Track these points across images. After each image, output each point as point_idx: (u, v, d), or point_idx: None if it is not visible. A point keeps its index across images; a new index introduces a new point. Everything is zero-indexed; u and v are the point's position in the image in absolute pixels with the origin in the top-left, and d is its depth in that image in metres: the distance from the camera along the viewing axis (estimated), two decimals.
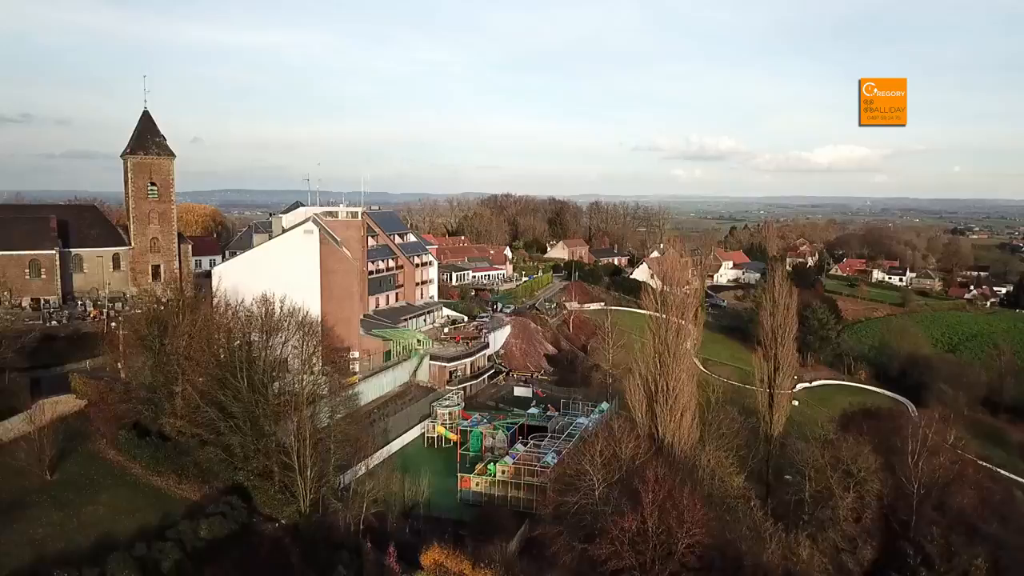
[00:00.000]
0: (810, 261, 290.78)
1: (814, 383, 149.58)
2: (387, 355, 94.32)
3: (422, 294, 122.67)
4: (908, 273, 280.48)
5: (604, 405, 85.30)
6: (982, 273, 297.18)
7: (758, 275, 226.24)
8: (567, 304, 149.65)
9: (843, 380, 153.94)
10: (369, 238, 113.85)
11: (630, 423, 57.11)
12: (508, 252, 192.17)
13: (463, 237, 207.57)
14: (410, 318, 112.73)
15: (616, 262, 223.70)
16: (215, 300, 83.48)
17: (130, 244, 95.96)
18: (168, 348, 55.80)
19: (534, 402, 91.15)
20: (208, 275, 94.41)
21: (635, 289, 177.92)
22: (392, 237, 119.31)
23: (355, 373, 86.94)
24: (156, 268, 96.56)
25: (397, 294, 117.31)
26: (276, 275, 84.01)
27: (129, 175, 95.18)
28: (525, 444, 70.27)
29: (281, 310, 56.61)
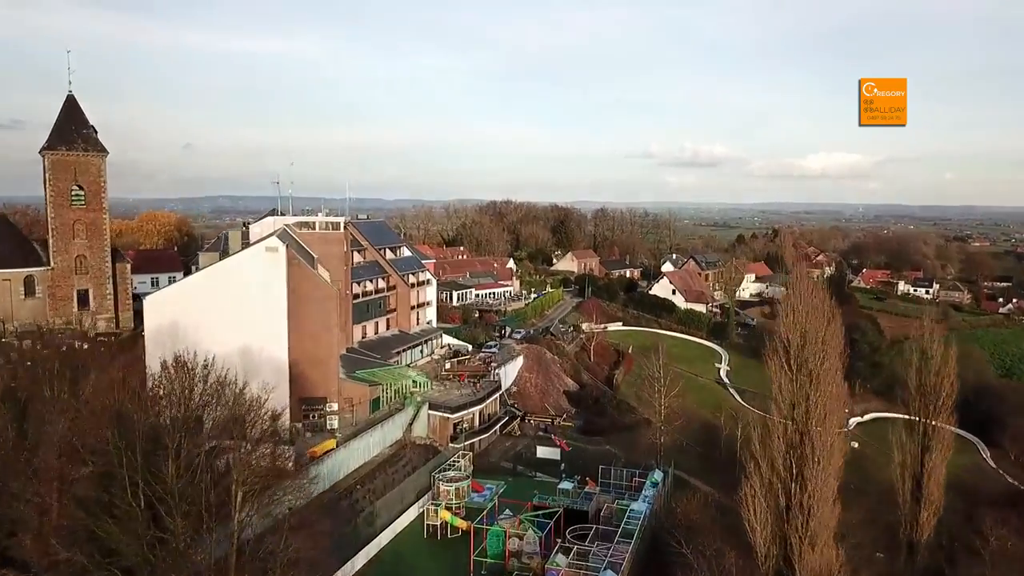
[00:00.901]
0: (827, 271, 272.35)
1: (866, 416, 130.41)
2: (375, 403, 74.40)
3: (418, 319, 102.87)
4: (934, 285, 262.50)
5: (656, 475, 65.57)
6: (1006, 284, 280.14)
7: (783, 289, 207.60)
8: (584, 326, 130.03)
9: (897, 412, 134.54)
10: (355, 253, 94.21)
11: (743, 551, 37.40)
12: (512, 264, 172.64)
13: (461, 248, 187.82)
14: (404, 350, 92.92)
15: (628, 274, 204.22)
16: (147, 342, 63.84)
17: (48, 264, 75.70)
18: (30, 440, 35.69)
19: (563, 467, 71.35)
20: None
21: (656, 306, 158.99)
22: (382, 251, 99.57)
23: (333, 432, 67.01)
24: (83, 294, 76.31)
25: (388, 320, 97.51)
26: (228, 306, 64.33)
27: (48, 176, 75.04)
28: (567, 551, 50.27)
29: (206, 383, 36.32)
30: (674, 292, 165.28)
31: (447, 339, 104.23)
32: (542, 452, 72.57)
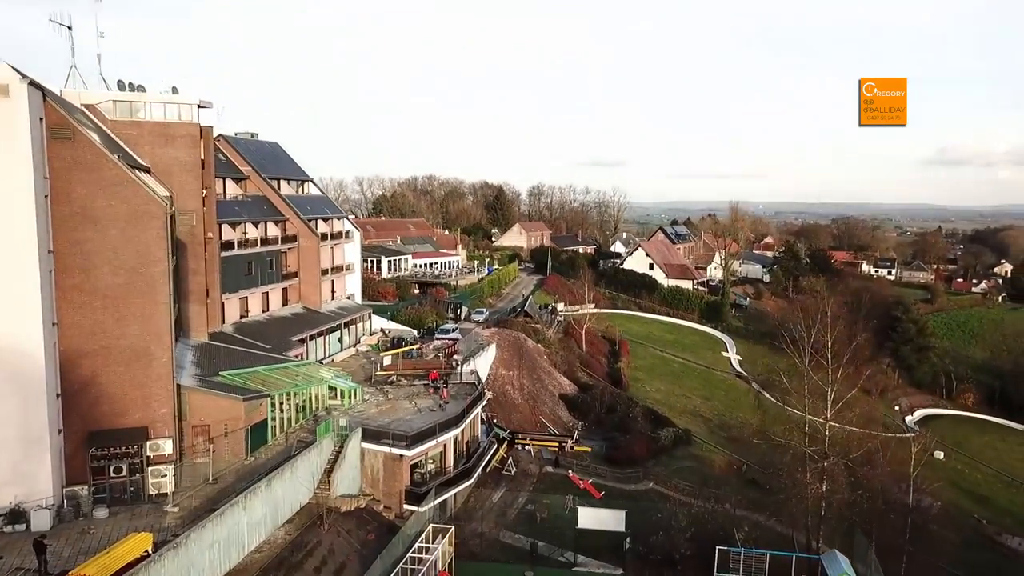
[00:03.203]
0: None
1: (917, 413, 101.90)
2: (257, 434, 38.31)
3: (333, 290, 66.50)
4: (895, 266, 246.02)
5: (843, 567, 32.06)
6: (953, 267, 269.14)
7: (759, 267, 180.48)
8: (559, 306, 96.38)
9: (948, 408, 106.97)
10: (227, 182, 57.47)
11: None
12: (445, 231, 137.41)
13: (382, 217, 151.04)
14: (312, 337, 56.79)
15: (582, 251, 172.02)
16: None
17: None
18: None
19: (628, 545, 37.04)
20: None
21: (634, 284, 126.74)
22: (276, 185, 62.71)
23: (161, 503, 30.68)
24: None
25: (286, 291, 60.87)
26: None
27: None
28: None
29: None
30: (652, 267, 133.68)
31: (380, 321, 68.48)
32: (588, 518, 37.79)
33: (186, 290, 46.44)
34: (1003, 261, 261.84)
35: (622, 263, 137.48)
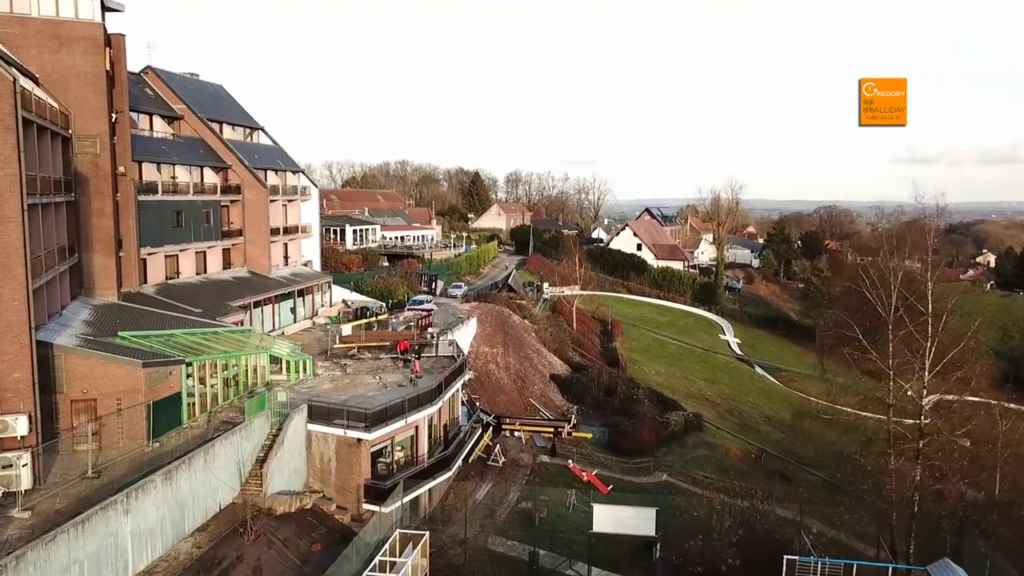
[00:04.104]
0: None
1: (929, 398, 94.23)
2: (167, 411, 28.81)
3: (287, 255, 56.85)
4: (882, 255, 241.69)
5: None
6: (935, 256, 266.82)
7: (748, 251, 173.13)
8: (546, 287, 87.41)
9: (963, 395, 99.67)
10: (156, 119, 47.69)
11: None
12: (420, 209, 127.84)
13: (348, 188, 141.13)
14: (258, 304, 47.25)
15: (564, 234, 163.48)
16: None
17: None
18: None
19: (658, 554, 28.19)
20: None
21: (621, 265, 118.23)
22: (218, 129, 52.88)
23: (11, 506, 21.13)
24: None
25: (227, 251, 51.08)
26: None
27: None
28: None
29: None
30: (640, 247, 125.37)
31: (342, 293, 59.02)
32: (605, 520, 28.81)
33: (88, 236, 36.84)
34: (984, 251, 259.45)
35: (607, 244, 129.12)
